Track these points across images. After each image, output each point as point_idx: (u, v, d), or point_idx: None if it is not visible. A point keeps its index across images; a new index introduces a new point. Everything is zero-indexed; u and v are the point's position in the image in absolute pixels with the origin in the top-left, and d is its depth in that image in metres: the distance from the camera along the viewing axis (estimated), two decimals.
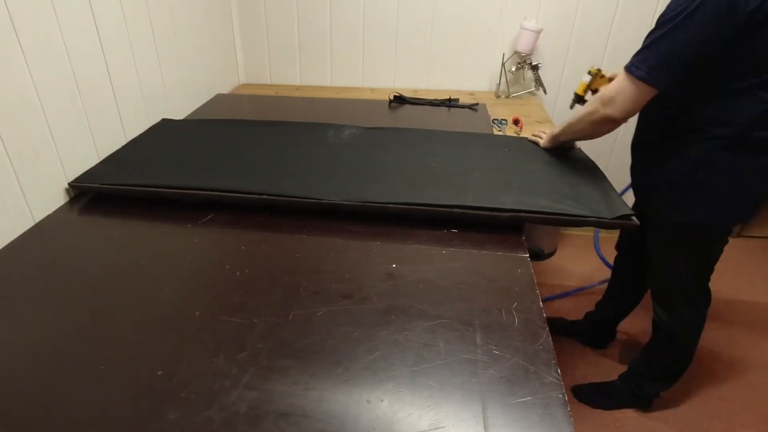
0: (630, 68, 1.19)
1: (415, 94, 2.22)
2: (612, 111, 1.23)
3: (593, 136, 1.35)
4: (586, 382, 1.90)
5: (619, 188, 1.29)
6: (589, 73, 1.56)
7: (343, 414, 0.71)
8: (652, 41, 1.17)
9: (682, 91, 1.25)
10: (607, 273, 2.38)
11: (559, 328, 2.15)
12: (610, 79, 1.51)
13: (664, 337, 1.63)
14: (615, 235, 2.79)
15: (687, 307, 1.56)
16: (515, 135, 1.80)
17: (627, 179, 1.56)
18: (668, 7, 1.15)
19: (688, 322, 1.59)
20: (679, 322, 1.58)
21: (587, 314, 2.08)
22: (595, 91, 1.56)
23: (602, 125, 1.29)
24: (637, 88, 1.19)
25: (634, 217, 1.14)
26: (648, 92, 1.19)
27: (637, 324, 2.14)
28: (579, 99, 1.61)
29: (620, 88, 1.22)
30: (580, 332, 2.10)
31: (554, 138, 1.50)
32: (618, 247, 1.87)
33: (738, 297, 2.38)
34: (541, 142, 1.56)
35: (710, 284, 1.55)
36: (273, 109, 2.06)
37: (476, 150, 1.50)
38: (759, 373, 1.97)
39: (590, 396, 1.85)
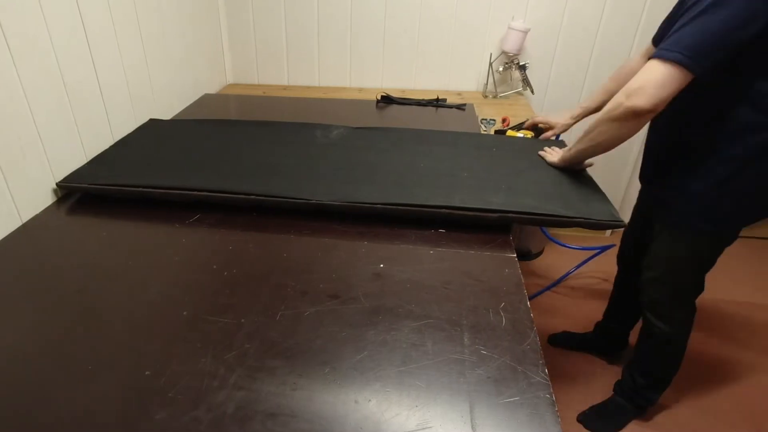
0: (660, 54, 1.08)
1: (403, 94, 2.22)
2: (639, 101, 1.08)
3: (616, 139, 1.20)
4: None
5: (604, 188, 1.29)
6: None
7: (330, 414, 0.72)
8: (683, 25, 1.06)
9: (731, 81, 1.15)
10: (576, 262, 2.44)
11: (565, 342, 2.10)
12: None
13: (661, 344, 1.60)
14: (603, 235, 2.85)
15: (685, 310, 1.54)
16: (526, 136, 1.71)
17: (615, 180, 1.55)
18: None
19: (685, 323, 1.57)
20: (678, 326, 1.55)
21: (598, 326, 2.04)
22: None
23: (627, 121, 1.13)
24: (669, 72, 1.06)
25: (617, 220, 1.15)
26: (682, 78, 1.06)
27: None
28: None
29: (648, 75, 1.08)
30: (594, 346, 2.05)
31: (571, 158, 1.34)
32: (620, 259, 1.84)
33: (720, 296, 2.41)
34: (550, 158, 1.42)
35: None
36: (260, 109, 2.05)
37: (465, 150, 1.51)
38: (746, 372, 2.00)
39: (598, 421, 1.77)
